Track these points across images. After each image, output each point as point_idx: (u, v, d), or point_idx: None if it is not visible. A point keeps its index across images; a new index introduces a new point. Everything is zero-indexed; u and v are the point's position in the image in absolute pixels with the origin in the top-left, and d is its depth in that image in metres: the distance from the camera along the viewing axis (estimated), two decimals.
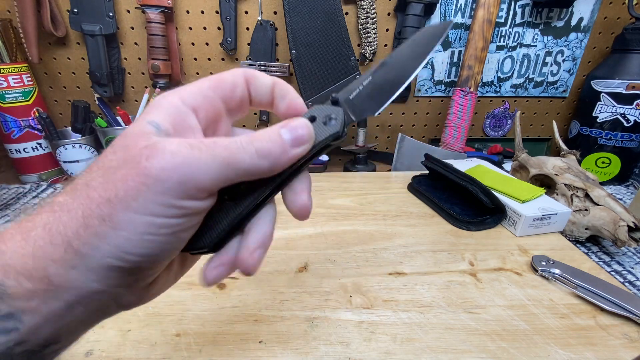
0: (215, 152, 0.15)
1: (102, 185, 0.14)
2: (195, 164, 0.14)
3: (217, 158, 0.15)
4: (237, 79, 0.19)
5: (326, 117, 0.19)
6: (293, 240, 0.44)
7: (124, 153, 0.15)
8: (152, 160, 0.14)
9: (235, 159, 0.15)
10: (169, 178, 0.14)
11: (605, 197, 0.47)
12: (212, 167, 0.15)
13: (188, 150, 0.15)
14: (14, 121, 0.68)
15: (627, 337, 0.30)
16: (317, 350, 0.29)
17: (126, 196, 0.14)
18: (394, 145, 0.75)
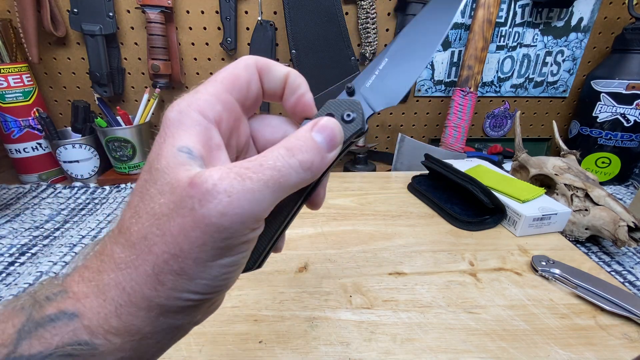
0: (266, 178, 0.14)
1: (161, 238, 0.14)
2: (252, 199, 0.14)
3: (269, 183, 0.14)
4: (251, 75, 0.18)
5: (345, 113, 0.18)
6: (293, 240, 0.44)
7: (171, 195, 0.14)
8: (207, 205, 0.13)
9: (285, 179, 0.15)
10: (231, 224, 0.13)
11: (605, 197, 0.47)
12: (267, 195, 0.14)
13: (240, 184, 0.13)
14: (14, 121, 0.68)
15: (627, 337, 0.30)
16: (317, 350, 0.29)
17: (192, 250, 0.14)
18: (394, 145, 0.75)
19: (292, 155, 0.15)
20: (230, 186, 0.13)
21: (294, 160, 0.15)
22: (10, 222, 0.57)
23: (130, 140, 0.71)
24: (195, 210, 0.13)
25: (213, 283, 0.15)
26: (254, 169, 0.14)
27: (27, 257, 0.48)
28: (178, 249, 0.13)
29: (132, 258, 0.14)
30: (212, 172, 0.14)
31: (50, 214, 0.60)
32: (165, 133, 0.15)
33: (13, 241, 0.52)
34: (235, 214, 0.13)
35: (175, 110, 0.15)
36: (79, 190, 0.69)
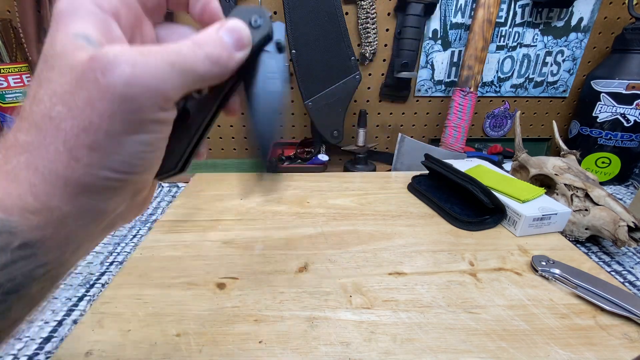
0: (170, 59, 0.14)
1: (68, 113, 0.14)
2: (155, 73, 0.14)
3: (175, 66, 0.14)
4: None
5: (252, 19, 0.18)
6: (293, 240, 0.44)
7: (72, 72, 0.13)
8: (111, 74, 0.13)
9: (190, 65, 0.15)
10: (137, 95, 0.14)
11: (605, 197, 0.47)
12: (172, 75, 0.14)
13: (143, 59, 0.14)
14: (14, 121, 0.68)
15: (627, 337, 0.30)
16: (317, 350, 0.29)
17: (101, 122, 0.14)
18: (394, 145, 0.75)
19: (199, 47, 0.15)
20: (133, 58, 0.13)
21: (201, 52, 0.15)
22: None
23: None
24: (99, 81, 0.13)
25: (130, 160, 0.15)
26: (156, 50, 0.14)
27: None
28: (87, 121, 0.13)
29: (40, 138, 0.14)
30: (112, 47, 0.14)
31: None
32: (57, 23, 0.14)
33: None
34: (141, 85, 0.13)
35: (65, 1, 0.15)
36: None
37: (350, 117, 0.81)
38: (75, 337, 0.30)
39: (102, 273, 0.45)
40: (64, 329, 0.35)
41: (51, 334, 0.35)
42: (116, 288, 0.35)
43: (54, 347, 0.33)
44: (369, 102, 0.83)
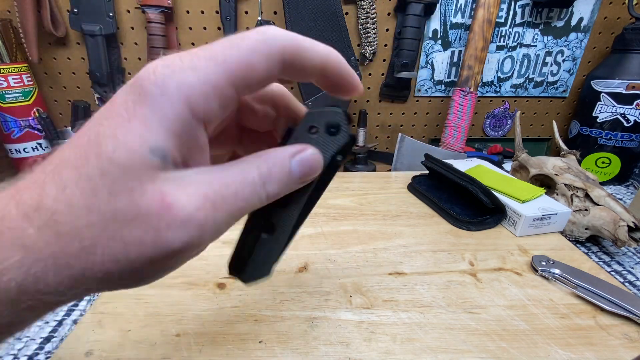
0: (234, 209, 0.14)
1: (104, 245, 0.12)
2: (216, 230, 0.14)
3: (235, 213, 0.14)
4: (271, 69, 0.14)
5: (328, 125, 0.17)
6: (293, 240, 0.44)
7: (130, 203, 0.12)
8: (177, 234, 0.13)
9: (248, 208, 0.15)
10: (187, 250, 0.13)
11: (605, 197, 0.47)
12: (228, 224, 0.14)
13: (212, 217, 0.13)
14: (14, 121, 0.68)
15: (627, 337, 0.30)
16: (317, 350, 0.29)
17: (136, 267, 0.13)
18: (394, 145, 0.75)
19: (263, 185, 0.15)
20: (205, 219, 0.13)
21: (263, 192, 0.15)
22: None
23: None
24: (160, 233, 0.12)
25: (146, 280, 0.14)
26: (228, 199, 0.14)
27: None
28: (122, 263, 0.13)
29: (54, 250, 0.12)
30: (190, 199, 0.13)
31: None
32: (133, 109, 0.12)
33: None
34: (195, 243, 0.13)
35: (155, 84, 0.12)
36: None
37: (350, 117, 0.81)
38: (75, 337, 0.30)
39: None
40: (64, 329, 0.35)
41: (51, 334, 0.35)
42: None
43: (54, 347, 0.33)
44: (369, 102, 0.83)
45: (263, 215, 0.18)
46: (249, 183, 0.14)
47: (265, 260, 0.19)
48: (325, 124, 0.17)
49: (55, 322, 0.36)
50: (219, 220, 0.13)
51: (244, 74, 0.14)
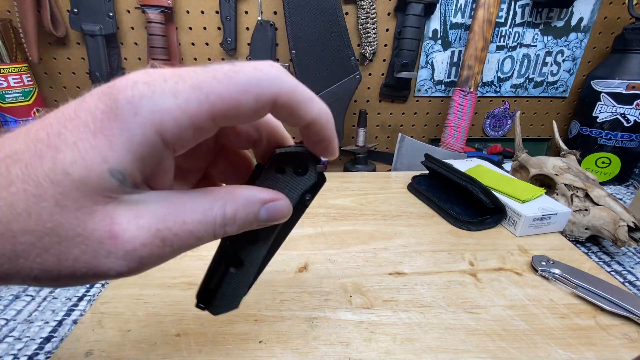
0: (182, 244, 0.14)
1: (42, 260, 0.12)
2: (158, 262, 0.14)
3: (181, 247, 0.14)
4: (259, 112, 0.13)
5: (296, 166, 0.17)
6: (293, 240, 0.44)
7: (77, 227, 0.12)
8: (116, 263, 0.12)
9: (198, 243, 0.14)
10: (120, 276, 0.13)
11: (605, 197, 0.47)
12: (167, 256, 0.14)
13: (158, 251, 0.13)
14: (14, 121, 0.68)
15: (627, 337, 0.30)
16: (317, 350, 0.29)
17: (58, 278, 0.13)
18: (394, 145, 0.75)
19: (223, 226, 0.14)
20: (149, 254, 0.13)
21: (220, 231, 0.14)
22: None
23: None
24: (99, 258, 0.12)
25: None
26: (181, 236, 0.13)
27: None
28: (52, 274, 0.12)
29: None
30: (139, 232, 0.12)
31: None
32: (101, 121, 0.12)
33: None
34: (132, 273, 0.13)
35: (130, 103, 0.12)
36: None
37: (350, 117, 0.81)
38: (75, 337, 0.30)
39: None
40: (64, 329, 0.35)
41: (51, 334, 0.35)
42: (116, 288, 0.35)
43: (54, 347, 0.33)
44: (369, 102, 0.83)
45: (231, 250, 0.18)
46: (208, 222, 0.14)
47: (233, 294, 0.19)
48: (293, 164, 0.17)
49: (55, 322, 0.36)
50: (165, 254, 0.13)
51: (227, 111, 0.13)
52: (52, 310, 0.38)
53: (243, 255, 0.18)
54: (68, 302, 0.39)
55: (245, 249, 0.18)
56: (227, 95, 0.13)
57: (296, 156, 0.17)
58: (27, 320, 0.36)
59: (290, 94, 0.14)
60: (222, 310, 0.20)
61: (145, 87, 0.12)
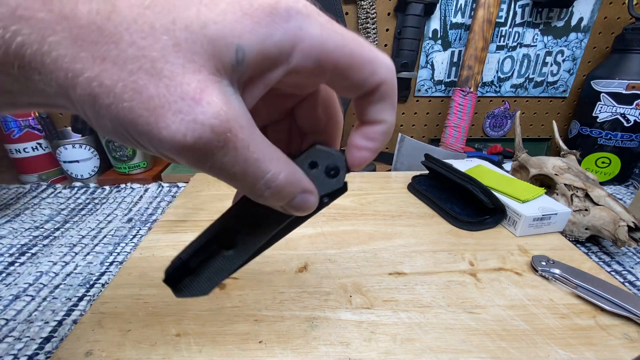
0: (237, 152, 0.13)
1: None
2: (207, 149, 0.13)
3: (235, 165, 0.13)
4: (364, 86, 0.15)
5: (329, 167, 0.17)
6: (293, 240, 0.44)
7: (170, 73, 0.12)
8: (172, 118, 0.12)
9: (246, 180, 0.14)
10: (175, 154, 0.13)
11: (605, 197, 0.47)
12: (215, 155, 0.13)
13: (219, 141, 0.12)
14: (14, 121, 0.68)
15: (627, 337, 0.30)
16: (317, 350, 0.29)
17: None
18: (394, 145, 0.75)
19: (268, 187, 0.14)
20: (207, 142, 0.12)
21: (260, 189, 0.14)
22: (10, 222, 0.57)
23: None
24: (166, 111, 0.11)
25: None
26: (238, 157, 0.13)
27: (27, 257, 0.48)
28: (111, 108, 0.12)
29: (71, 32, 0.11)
30: (216, 116, 0.12)
31: (50, 214, 0.60)
32: (255, 9, 0.12)
33: (13, 241, 0.52)
34: (175, 147, 0.12)
35: (288, 10, 0.12)
36: (79, 190, 0.69)
37: (350, 117, 0.82)
38: (75, 337, 0.30)
39: (102, 273, 0.45)
40: (64, 329, 0.35)
41: (51, 334, 0.35)
42: (116, 288, 0.35)
43: (54, 347, 0.33)
44: None
45: (228, 230, 0.17)
46: (262, 171, 0.14)
47: (211, 278, 0.18)
48: (327, 164, 0.17)
49: (55, 322, 0.36)
50: (213, 157, 0.12)
51: (346, 69, 0.14)
52: (52, 310, 0.38)
53: (239, 240, 0.17)
54: (68, 302, 0.39)
55: (245, 233, 0.17)
56: (357, 54, 0.14)
57: (335, 157, 0.17)
58: (27, 320, 0.36)
59: (392, 87, 0.15)
60: (190, 294, 0.18)
61: (304, 8, 0.13)
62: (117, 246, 0.51)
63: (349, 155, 0.17)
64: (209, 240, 0.17)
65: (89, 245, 0.51)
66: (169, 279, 0.18)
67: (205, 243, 0.18)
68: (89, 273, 0.45)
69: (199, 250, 0.18)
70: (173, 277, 0.18)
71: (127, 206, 0.63)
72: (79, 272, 0.45)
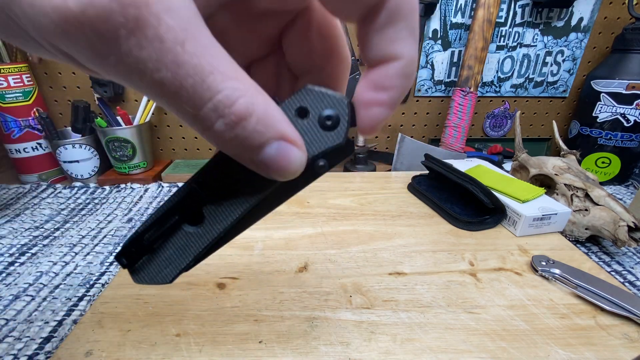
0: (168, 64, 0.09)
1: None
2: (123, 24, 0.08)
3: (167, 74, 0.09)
4: None
5: (324, 115, 0.12)
6: (293, 240, 0.44)
7: None
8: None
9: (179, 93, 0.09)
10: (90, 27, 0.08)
11: (605, 197, 0.47)
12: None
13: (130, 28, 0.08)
14: (14, 121, 0.68)
15: (627, 337, 0.30)
16: (317, 350, 0.29)
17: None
18: (394, 145, 0.75)
19: (215, 111, 0.10)
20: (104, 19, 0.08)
21: (206, 114, 0.10)
22: (10, 222, 0.57)
23: (130, 140, 0.71)
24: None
25: None
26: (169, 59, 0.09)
27: (27, 257, 0.48)
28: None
29: None
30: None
31: (50, 214, 0.60)
32: None
33: (13, 241, 0.52)
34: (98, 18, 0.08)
35: None
36: (79, 190, 0.69)
37: None
38: (75, 337, 0.30)
39: (102, 273, 0.45)
40: (64, 329, 0.35)
41: (51, 334, 0.35)
42: (116, 288, 0.35)
43: (54, 347, 0.33)
44: None
45: (194, 198, 0.13)
46: (205, 88, 0.09)
47: (173, 261, 0.14)
48: (321, 111, 0.12)
49: (55, 322, 0.36)
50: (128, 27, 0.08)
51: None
52: (52, 310, 0.38)
53: (207, 213, 0.14)
54: (68, 302, 0.39)
55: (214, 203, 0.13)
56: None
57: (333, 100, 0.12)
58: (27, 320, 0.36)
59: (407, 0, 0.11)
60: (147, 280, 0.15)
61: None
62: (117, 246, 0.51)
63: (357, 116, 0.13)
64: (169, 210, 0.14)
65: (89, 245, 0.51)
66: (121, 254, 0.14)
67: (164, 213, 0.14)
68: (89, 273, 0.45)
69: (157, 221, 0.14)
70: (127, 253, 0.14)
71: (127, 206, 0.63)
72: (79, 272, 0.45)
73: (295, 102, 0.12)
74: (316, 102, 0.12)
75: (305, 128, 0.12)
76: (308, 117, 0.12)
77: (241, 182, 0.13)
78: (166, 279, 0.15)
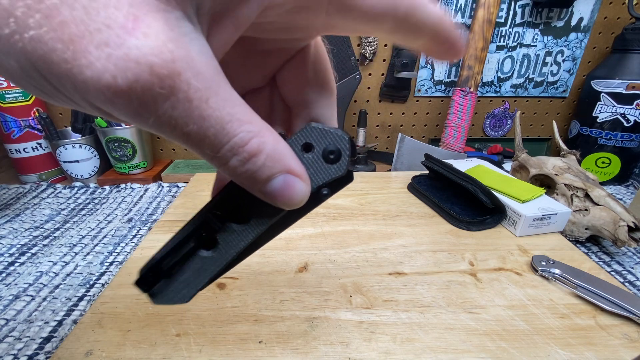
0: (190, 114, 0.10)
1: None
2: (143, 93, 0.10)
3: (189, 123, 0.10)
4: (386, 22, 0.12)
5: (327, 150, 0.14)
6: (293, 240, 0.44)
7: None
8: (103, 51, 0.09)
9: (202, 141, 0.11)
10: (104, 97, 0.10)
11: (605, 197, 0.47)
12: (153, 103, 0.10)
13: (160, 87, 0.09)
14: (14, 121, 0.68)
15: (627, 337, 0.30)
16: (317, 350, 0.29)
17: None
18: (394, 145, 0.75)
19: (233, 153, 0.11)
20: (143, 85, 0.09)
21: (225, 156, 0.11)
22: (10, 222, 0.57)
23: (130, 140, 0.71)
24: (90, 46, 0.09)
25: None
26: (193, 111, 0.10)
27: (27, 257, 0.48)
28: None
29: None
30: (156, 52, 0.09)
31: (50, 214, 0.60)
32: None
33: (13, 241, 0.52)
34: (102, 88, 0.09)
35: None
36: (79, 190, 0.69)
37: (350, 117, 0.82)
38: (75, 337, 0.30)
39: (102, 273, 0.45)
40: (64, 329, 0.35)
41: (51, 334, 0.35)
42: (116, 288, 0.35)
43: (54, 347, 0.33)
44: (369, 102, 0.83)
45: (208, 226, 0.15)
46: (225, 133, 0.11)
47: (190, 283, 0.15)
48: (325, 146, 0.14)
49: (55, 322, 0.36)
50: (153, 107, 0.10)
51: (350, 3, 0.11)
52: (52, 310, 0.38)
53: (221, 238, 0.15)
54: (68, 302, 0.39)
55: (226, 230, 0.15)
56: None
57: (335, 138, 0.14)
58: (27, 320, 0.36)
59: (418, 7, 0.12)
60: (166, 301, 0.16)
61: None
62: (117, 246, 0.51)
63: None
64: (185, 238, 0.15)
65: (89, 245, 0.51)
66: (141, 280, 0.15)
67: (180, 241, 0.15)
68: (89, 273, 0.45)
69: (174, 249, 0.15)
70: (146, 279, 0.15)
71: (127, 206, 0.63)
72: (79, 272, 0.45)
73: (301, 138, 0.14)
74: (320, 139, 0.14)
75: (310, 161, 0.14)
76: (313, 151, 0.14)
77: (252, 210, 0.14)
78: (184, 299, 0.16)
